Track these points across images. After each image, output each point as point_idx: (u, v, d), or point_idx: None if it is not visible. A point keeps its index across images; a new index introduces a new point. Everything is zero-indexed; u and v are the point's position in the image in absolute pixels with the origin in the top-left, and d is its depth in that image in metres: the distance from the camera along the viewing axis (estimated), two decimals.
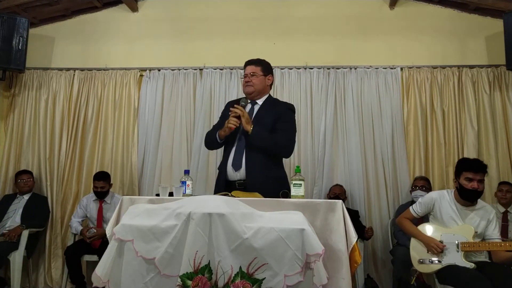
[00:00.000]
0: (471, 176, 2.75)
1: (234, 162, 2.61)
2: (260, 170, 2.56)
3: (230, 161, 2.63)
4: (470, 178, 2.75)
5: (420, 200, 3.03)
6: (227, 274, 1.87)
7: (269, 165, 2.62)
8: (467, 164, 2.83)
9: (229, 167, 2.63)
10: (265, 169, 2.59)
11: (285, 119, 2.69)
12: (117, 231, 2.00)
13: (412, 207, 3.04)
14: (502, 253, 2.72)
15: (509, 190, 3.94)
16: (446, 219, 2.85)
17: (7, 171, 4.59)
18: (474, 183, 2.75)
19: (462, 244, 2.71)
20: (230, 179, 2.63)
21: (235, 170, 2.60)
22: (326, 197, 4.20)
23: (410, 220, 3.01)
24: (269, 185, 2.47)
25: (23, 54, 4.40)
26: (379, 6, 4.70)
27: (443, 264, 2.72)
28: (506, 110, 4.35)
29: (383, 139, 4.39)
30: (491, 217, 2.84)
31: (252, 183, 2.53)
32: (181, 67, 4.70)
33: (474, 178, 2.75)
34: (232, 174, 2.62)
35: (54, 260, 4.44)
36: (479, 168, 2.77)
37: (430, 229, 2.88)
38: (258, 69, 2.74)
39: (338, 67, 4.57)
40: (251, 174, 2.56)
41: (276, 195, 2.28)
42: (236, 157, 2.61)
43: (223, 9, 4.78)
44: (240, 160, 2.59)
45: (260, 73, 2.74)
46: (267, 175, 2.56)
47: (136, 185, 4.48)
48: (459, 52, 4.54)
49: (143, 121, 4.61)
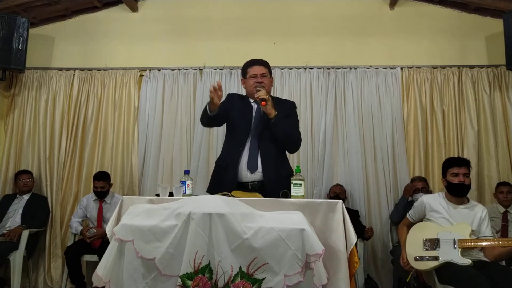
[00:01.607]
0: (456, 171, 2.89)
1: (250, 164, 2.59)
2: (275, 170, 2.58)
3: (244, 162, 2.61)
4: (455, 173, 2.88)
5: (415, 205, 3.09)
6: (227, 274, 1.87)
7: (281, 163, 2.67)
8: (451, 160, 3.01)
9: (243, 169, 2.60)
10: (280, 168, 2.62)
11: (292, 116, 2.73)
12: (117, 231, 2.00)
13: (409, 213, 3.11)
14: (495, 249, 2.73)
15: (509, 191, 3.94)
16: (440, 220, 2.88)
17: (7, 171, 4.59)
18: (460, 177, 2.87)
19: (459, 241, 2.73)
20: (241, 180, 2.61)
21: (251, 172, 2.59)
22: (326, 197, 4.20)
23: (408, 225, 3.05)
24: (283, 183, 2.47)
25: (23, 54, 4.40)
26: (379, 6, 4.70)
27: (440, 261, 2.72)
28: (506, 110, 4.35)
29: (383, 139, 4.39)
30: (483, 215, 2.88)
31: (269, 184, 2.55)
32: (181, 67, 4.70)
33: (459, 172, 2.88)
34: (247, 176, 2.60)
35: (54, 260, 4.44)
36: (462, 163, 2.93)
37: (427, 228, 2.89)
38: (266, 70, 2.74)
39: (338, 67, 4.57)
40: (267, 175, 2.57)
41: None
42: (252, 159, 2.60)
43: (223, 9, 4.78)
44: (256, 161, 2.59)
45: (268, 74, 2.75)
46: (281, 174, 2.59)
47: (136, 185, 4.48)
48: (459, 52, 4.54)
49: (143, 121, 4.61)
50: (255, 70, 2.71)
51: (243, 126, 2.68)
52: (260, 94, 2.54)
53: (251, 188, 2.57)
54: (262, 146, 2.61)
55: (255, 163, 2.59)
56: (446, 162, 3.02)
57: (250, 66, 2.75)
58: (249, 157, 2.61)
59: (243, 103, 2.76)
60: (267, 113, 2.54)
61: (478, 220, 2.85)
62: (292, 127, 2.66)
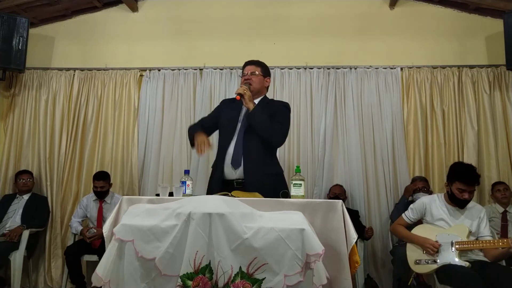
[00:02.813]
0: (464, 187, 2.79)
1: (233, 161, 2.59)
2: (258, 168, 2.56)
3: (228, 159, 2.61)
4: (462, 189, 2.79)
5: (412, 206, 3.05)
6: (227, 274, 1.87)
7: (267, 162, 2.64)
8: (462, 174, 2.82)
9: (227, 166, 2.61)
10: (263, 165, 2.59)
11: (280, 114, 2.70)
12: (117, 231, 2.00)
13: (405, 214, 3.06)
14: (493, 250, 2.73)
15: (506, 188, 3.95)
16: (438, 222, 2.88)
17: (7, 171, 4.60)
18: (465, 194, 2.79)
19: (457, 243, 2.73)
20: (227, 178, 2.61)
21: (234, 168, 2.58)
22: (326, 197, 4.20)
23: (404, 226, 3.04)
24: (267, 182, 2.48)
25: (23, 54, 4.40)
26: (379, 6, 4.70)
27: (439, 263, 2.73)
28: (506, 110, 4.35)
29: (383, 139, 4.39)
30: (481, 215, 2.88)
31: (251, 182, 2.52)
32: (181, 67, 4.70)
33: (466, 189, 2.79)
34: (231, 173, 2.60)
35: (54, 260, 4.44)
36: (473, 181, 2.79)
37: (425, 230, 2.89)
38: (258, 69, 2.76)
39: (338, 67, 4.57)
40: (249, 172, 2.56)
41: (274, 192, 2.29)
42: (235, 155, 2.60)
43: (223, 9, 4.78)
44: (239, 158, 2.58)
45: (259, 73, 2.76)
46: (265, 172, 2.57)
47: (136, 185, 4.48)
48: (459, 52, 4.54)
49: (143, 121, 4.61)
50: (246, 69, 2.78)
51: (230, 126, 2.70)
52: (237, 90, 2.60)
53: (236, 186, 2.55)
54: (246, 143, 2.60)
55: (238, 159, 2.58)
56: (457, 172, 2.86)
57: (244, 67, 2.81)
58: (233, 154, 2.61)
59: (233, 105, 2.76)
60: (247, 108, 2.59)
61: (477, 220, 2.85)
62: (272, 120, 2.61)
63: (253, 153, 2.58)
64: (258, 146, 2.59)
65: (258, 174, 2.54)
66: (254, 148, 2.59)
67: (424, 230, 2.90)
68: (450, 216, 2.87)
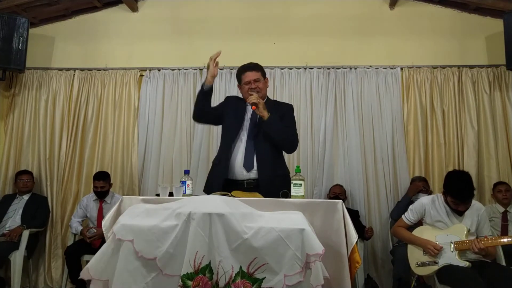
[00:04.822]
0: (458, 202, 2.78)
1: (246, 163, 2.61)
2: (270, 169, 2.60)
3: (240, 160, 2.63)
4: (456, 203, 2.79)
5: (411, 207, 3.06)
6: (228, 274, 1.87)
7: (277, 163, 2.69)
8: (455, 192, 2.77)
9: (238, 167, 2.62)
10: (274, 167, 2.64)
11: (288, 118, 2.75)
12: (117, 231, 1.99)
13: (405, 215, 3.06)
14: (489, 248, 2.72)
15: (508, 189, 3.95)
16: (438, 223, 2.88)
17: (7, 171, 4.60)
18: (460, 207, 2.80)
19: (456, 243, 2.73)
20: (234, 178, 2.63)
21: (247, 170, 2.60)
22: (326, 197, 4.20)
23: (404, 228, 3.04)
24: (278, 183, 2.51)
25: (23, 54, 4.40)
26: (379, 6, 4.70)
27: (440, 265, 2.73)
28: (506, 110, 4.35)
29: (383, 139, 4.39)
30: (481, 213, 2.88)
31: (264, 183, 2.56)
32: (181, 67, 4.70)
33: (461, 204, 2.78)
34: (242, 174, 2.61)
35: (54, 260, 4.44)
36: (467, 199, 2.77)
37: (426, 232, 2.90)
38: (258, 74, 2.75)
39: (338, 67, 4.57)
40: (263, 173, 2.59)
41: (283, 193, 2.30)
42: (248, 157, 2.62)
43: (223, 9, 4.78)
44: (252, 160, 2.61)
45: (261, 78, 2.76)
46: (276, 174, 2.62)
47: (136, 185, 4.48)
48: (459, 52, 4.54)
49: (143, 121, 4.62)
50: (248, 76, 2.73)
51: (235, 125, 2.71)
52: (251, 99, 2.58)
53: (246, 186, 2.58)
54: (258, 146, 2.63)
55: (251, 162, 2.61)
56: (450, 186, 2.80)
57: (243, 73, 2.77)
58: (245, 157, 2.62)
59: (239, 104, 2.80)
60: (261, 116, 2.59)
61: (477, 219, 2.86)
62: (286, 127, 2.68)
63: (265, 156, 2.62)
64: (269, 148, 2.64)
65: (271, 175, 2.59)
66: (265, 151, 2.62)
67: (424, 232, 2.91)
68: (450, 216, 2.87)
